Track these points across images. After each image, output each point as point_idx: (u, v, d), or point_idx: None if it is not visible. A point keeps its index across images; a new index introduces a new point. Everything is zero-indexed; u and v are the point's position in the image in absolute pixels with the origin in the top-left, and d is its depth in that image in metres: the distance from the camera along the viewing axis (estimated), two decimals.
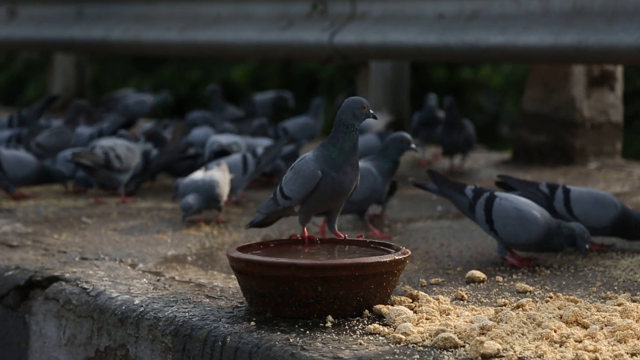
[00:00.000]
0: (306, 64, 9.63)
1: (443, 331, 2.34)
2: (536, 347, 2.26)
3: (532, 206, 3.18)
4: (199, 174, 4.03)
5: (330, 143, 2.71)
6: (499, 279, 2.99)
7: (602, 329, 2.39)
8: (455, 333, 2.34)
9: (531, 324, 2.42)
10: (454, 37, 4.98)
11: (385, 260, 2.53)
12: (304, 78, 9.87)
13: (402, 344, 2.32)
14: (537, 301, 2.66)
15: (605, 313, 2.50)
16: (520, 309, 2.57)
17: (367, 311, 2.54)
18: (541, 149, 5.41)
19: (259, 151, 4.50)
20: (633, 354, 2.22)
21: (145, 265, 3.25)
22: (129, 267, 3.22)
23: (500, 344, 2.27)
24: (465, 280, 2.98)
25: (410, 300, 2.65)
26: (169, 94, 7.36)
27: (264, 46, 5.97)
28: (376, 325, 2.43)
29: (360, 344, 2.33)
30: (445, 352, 2.26)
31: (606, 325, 2.42)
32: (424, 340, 2.34)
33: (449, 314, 2.55)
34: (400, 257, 2.57)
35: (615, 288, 2.86)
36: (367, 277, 2.51)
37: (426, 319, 2.49)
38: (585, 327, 2.43)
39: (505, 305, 2.65)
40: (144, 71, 10.59)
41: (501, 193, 3.26)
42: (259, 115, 6.34)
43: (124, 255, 3.39)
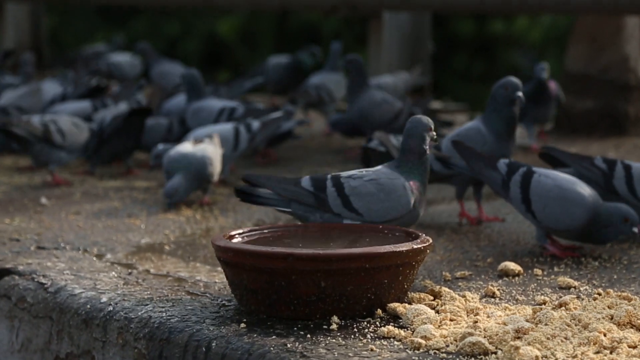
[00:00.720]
0: (306, 15, 9.62)
1: (471, 335, 2.34)
2: (582, 353, 2.27)
3: (578, 184, 3.16)
4: (187, 147, 3.99)
5: (408, 170, 2.92)
6: (538, 272, 2.99)
7: None
8: (485, 337, 2.34)
9: (576, 326, 2.42)
10: None
11: (401, 249, 2.53)
12: (303, 33, 9.86)
13: (421, 350, 2.32)
14: (583, 299, 2.66)
15: None
16: (563, 308, 2.57)
17: (379, 311, 2.54)
18: (588, 116, 5.40)
19: (255, 126, 4.47)
20: None
21: (114, 256, 3.26)
22: (94, 258, 3.22)
23: (539, 350, 2.27)
24: (497, 273, 2.99)
25: (432, 298, 2.66)
26: (149, 46, 7.29)
27: None
28: (391, 328, 2.43)
29: (372, 350, 2.33)
30: None
31: None
32: (447, 346, 2.34)
33: (477, 314, 2.56)
34: (419, 245, 2.56)
35: None
36: (380, 269, 2.50)
37: (450, 320, 2.50)
38: None
39: (545, 304, 2.65)
40: (112, 24, 10.60)
41: (540, 169, 3.25)
42: (272, 83, 6.36)
43: (88, 243, 3.40)
